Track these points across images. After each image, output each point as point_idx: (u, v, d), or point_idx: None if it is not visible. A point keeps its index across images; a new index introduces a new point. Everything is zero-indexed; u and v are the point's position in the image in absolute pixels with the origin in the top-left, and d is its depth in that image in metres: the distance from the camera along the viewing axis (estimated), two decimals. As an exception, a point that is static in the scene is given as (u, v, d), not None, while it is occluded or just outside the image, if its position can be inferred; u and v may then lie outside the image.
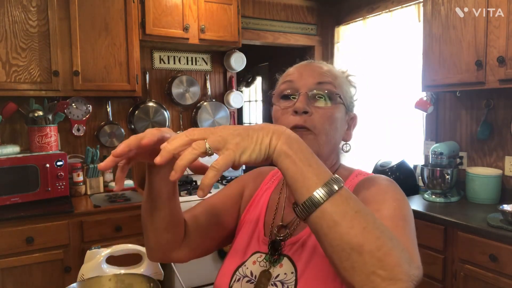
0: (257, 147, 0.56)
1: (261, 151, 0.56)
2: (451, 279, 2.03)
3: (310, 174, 0.55)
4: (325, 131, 0.79)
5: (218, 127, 0.58)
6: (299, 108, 0.78)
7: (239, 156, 0.55)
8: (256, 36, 3.31)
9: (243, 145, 0.55)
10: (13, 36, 2.27)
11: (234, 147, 0.55)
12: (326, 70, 0.84)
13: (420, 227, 2.13)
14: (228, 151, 0.55)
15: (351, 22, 3.37)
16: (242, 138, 0.56)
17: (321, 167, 0.57)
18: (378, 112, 3.17)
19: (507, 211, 1.86)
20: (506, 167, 2.35)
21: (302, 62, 0.88)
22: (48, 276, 2.17)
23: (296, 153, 0.56)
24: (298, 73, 0.83)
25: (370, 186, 0.75)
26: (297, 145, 0.57)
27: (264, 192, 0.94)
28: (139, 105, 3.00)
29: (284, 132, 0.58)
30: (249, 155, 0.55)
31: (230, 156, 0.55)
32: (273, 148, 0.56)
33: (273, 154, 0.57)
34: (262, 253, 0.83)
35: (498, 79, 2.02)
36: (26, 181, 2.26)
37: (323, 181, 0.54)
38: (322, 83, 0.81)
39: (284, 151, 0.56)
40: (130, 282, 0.86)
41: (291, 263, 0.77)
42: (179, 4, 2.71)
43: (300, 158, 0.56)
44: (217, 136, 0.56)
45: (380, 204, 0.69)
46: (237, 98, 3.34)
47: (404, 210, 0.69)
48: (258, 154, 0.56)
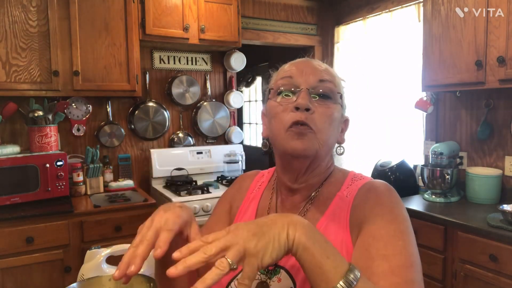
0: (276, 244, 0.55)
1: (281, 247, 0.56)
2: (451, 279, 2.03)
3: (328, 267, 0.56)
4: (325, 130, 0.77)
5: (231, 231, 0.56)
6: (301, 104, 0.75)
7: (261, 260, 0.54)
8: (256, 36, 3.31)
9: (262, 246, 0.55)
10: (13, 36, 2.27)
11: (255, 253, 0.54)
12: (325, 68, 0.82)
13: (420, 227, 2.13)
14: (251, 260, 0.54)
15: (351, 22, 3.37)
16: (258, 238, 0.55)
17: (337, 257, 0.58)
18: (378, 112, 3.17)
19: (507, 211, 1.86)
20: (506, 167, 2.35)
21: (298, 59, 0.85)
22: (48, 276, 2.17)
23: (314, 244, 0.57)
24: (297, 70, 0.80)
25: (373, 208, 0.73)
26: (314, 235, 0.58)
27: (251, 200, 0.91)
28: (139, 105, 3.00)
29: (299, 222, 0.58)
30: (270, 255, 0.55)
31: (255, 265, 0.54)
32: (291, 241, 0.56)
33: (292, 247, 0.56)
34: None
35: (498, 79, 2.02)
36: (26, 181, 2.26)
37: (342, 274, 0.55)
38: (323, 81, 0.79)
39: (303, 244, 0.56)
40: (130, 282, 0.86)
41: (289, 277, 0.74)
42: (179, 4, 2.71)
43: (317, 250, 0.56)
44: (236, 246, 0.54)
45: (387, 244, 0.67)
46: (237, 98, 3.34)
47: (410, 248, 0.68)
48: (279, 251, 0.55)
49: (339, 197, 0.79)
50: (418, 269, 0.66)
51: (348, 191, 0.80)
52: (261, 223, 0.57)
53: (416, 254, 0.68)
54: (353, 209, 0.76)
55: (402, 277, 0.63)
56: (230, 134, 3.37)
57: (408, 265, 0.65)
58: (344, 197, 0.79)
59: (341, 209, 0.77)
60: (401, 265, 0.64)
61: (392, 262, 0.64)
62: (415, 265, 0.66)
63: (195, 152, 3.09)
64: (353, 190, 0.79)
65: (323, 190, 0.83)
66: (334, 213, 0.77)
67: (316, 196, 0.82)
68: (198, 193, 2.64)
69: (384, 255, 0.65)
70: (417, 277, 0.65)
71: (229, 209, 0.93)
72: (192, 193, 2.62)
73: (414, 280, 0.64)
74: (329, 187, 0.82)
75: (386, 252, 0.66)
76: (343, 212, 0.76)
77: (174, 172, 2.96)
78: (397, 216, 0.72)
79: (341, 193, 0.80)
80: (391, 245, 0.67)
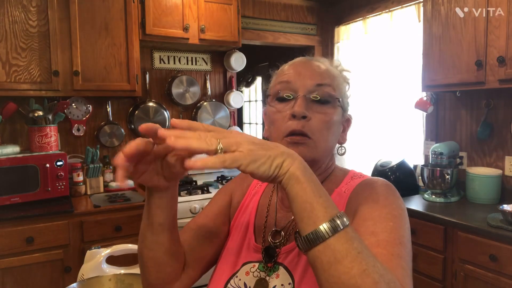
0: (268, 161, 0.54)
1: (271, 167, 0.55)
2: (451, 279, 2.03)
3: (318, 205, 0.55)
4: (323, 137, 0.76)
5: (234, 131, 0.56)
6: (298, 112, 0.74)
7: (247, 163, 0.53)
8: (256, 36, 3.31)
9: (255, 154, 0.54)
10: (13, 36, 2.27)
11: (246, 152, 0.53)
12: (324, 69, 0.80)
13: (420, 227, 2.13)
14: (237, 155, 0.53)
15: (351, 22, 3.37)
16: (256, 147, 0.54)
17: (329, 200, 0.57)
18: (378, 112, 3.17)
19: (507, 211, 1.86)
20: (506, 167, 2.35)
21: (298, 58, 0.84)
22: (48, 276, 2.17)
23: (308, 181, 0.55)
24: (295, 73, 0.78)
25: (368, 197, 0.72)
26: (309, 173, 0.57)
27: (252, 197, 0.90)
28: (139, 105, 3.00)
29: (298, 158, 0.57)
30: (258, 166, 0.54)
31: (239, 157, 0.53)
32: (285, 170, 0.55)
33: (284, 176, 0.55)
34: (255, 262, 0.79)
35: (498, 79, 2.02)
36: (26, 181, 2.26)
37: (331, 216, 0.54)
38: (321, 85, 0.77)
39: (297, 176, 0.55)
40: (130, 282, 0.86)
41: (288, 273, 0.74)
42: (179, 4, 2.71)
43: (311, 187, 0.55)
44: (232, 138, 0.54)
45: (376, 223, 0.66)
46: (237, 98, 3.34)
47: (401, 230, 0.66)
48: (267, 170, 0.54)
49: (337, 193, 0.80)
50: (407, 251, 0.64)
51: (346, 187, 0.80)
52: (264, 141, 0.57)
53: (407, 237, 0.66)
54: (349, 202, 0.76)
55: (388, 250, 0.61)
56: (230, 134, 3.36)
57: (396, 242, 0.63)
58: (342, 193, 0.79)
59: (338, 203, 0.77)
60: (389, 240, 0.63)
61: (380, 237, 0.63)
62: (404, 245, 0.64)
63: (195, 152, 3.09)
64: (351, 186, 0.79)
65: None
66: None
67: None
68: (198, 193, 2.64)
69: (372, 231, 0.64)
70: (405, 254, 0.62)
71: (229, 201, 0.92)
72: (192, 193, 2.62)
73: (400, 256, 0.62)
74: (329, 184, 0.83)
75: (375, 229, 0.64)
76: (340, 205, 0.76)
77: (174, 172, 2.95)
78: (391, 203, 0.70)
79: (339, 189, 0.80)
80: (380, 224, 0.65)
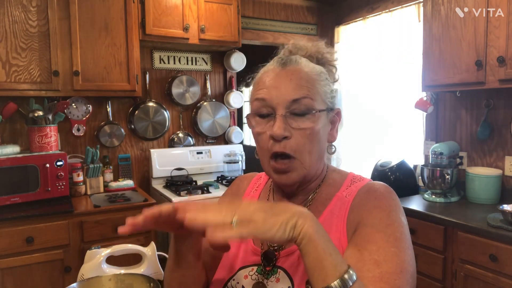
0: (282, 227, 0.57)
1: (286, 231, 0.58)
2: (451, 279, 2.03)
3: (329, 263, 0.58)
4: (307, 150, 0.76)
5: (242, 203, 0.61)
6: (277, 135, 0.74)
7: (263, 232, 0.57)
8: (256, 36, 3.31)
9: (269, 222, 0.57)
10: (13, 36, 2.27)
11: (260, 223, 0.57)
12: (300, 77, 0.76)
13: (420, 227, 2.13)
14: (255, 224, 0.57)
15: (351, 22, 3.37)
16: (268, 215, 0.58)
17: (338, 256, 0.60)
18: (378, 112, 3.17)
19: (507, 211, 1.86)
20: (506, 167, 2.35)
21: (271, 65, 0.82)
22: (48, 276, 2.17)
23: (319, 239, 0.59)
24: (270, 88, 0.76)
25: (372, 210, 0.73)
26: (320, 230, 0.60)
27: None
28: (139, 105, 3.00)
29: (309, 215, 0.60)
30: (274, 234, 0.57)
31: (255, 229, 0.57)
32: (298, 231, 0.58)
33: (298, 236, 0.58)
34: (254, 265, 0.79)
35: (498, 79, 2.02)
36: (26, 181, 2.26)
37: (340, 274, 0.57)
38: (298, 100, 0.74)
39: (310, 235, 0.58)
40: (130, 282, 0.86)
41: (287, 277, 0.74)
42: (179, 4, 2.71)
43: (322, 245, 0.58)
44: (244, 210, 0.58)
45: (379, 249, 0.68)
46: (237, 98, 3.34)
47: (404, 254, 0.68)
48: (283, 234, 0.57)
49: (338, 198, 0.80)
50: (409, 276, 0.66)
51: (347, 191, 0.80)
52: (273, 205, 0.61)
53: (409, 261, 0.68)
54: (351, 209, 0.76)
55: (390, 284, 0.64)
56: (230, 134, 3.37)
57: (398, 271, 0.66)
58: (343, 198, 0.79)
59: (339, 208, 0.77)
60: (392, 271, 0.65)
61: (383, 268, 0.65)
62: (405, 272, 0.66)
63: (195, 152, 3.09)
64: (352, 191, 0.79)
65: (322, 192, 0.83)
66: (332, 213, 0.78)
67: (314, 198, 0.83)
68: (198, 193, 2.64)
69: (375, 260, 0.66)
70: (406, 284, 0.66)
71: None
72: (192, 193, 2.62)
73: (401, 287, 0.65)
74: (327, 188, 0.83)
75: (378, 258, 0.66)
76: (341, 211, 0.77)
77: (174, 172, 2.96)
78: (394, 222, 0.72)
79: (340, 194, 0.80)
80: (383, 251, 0.67)
